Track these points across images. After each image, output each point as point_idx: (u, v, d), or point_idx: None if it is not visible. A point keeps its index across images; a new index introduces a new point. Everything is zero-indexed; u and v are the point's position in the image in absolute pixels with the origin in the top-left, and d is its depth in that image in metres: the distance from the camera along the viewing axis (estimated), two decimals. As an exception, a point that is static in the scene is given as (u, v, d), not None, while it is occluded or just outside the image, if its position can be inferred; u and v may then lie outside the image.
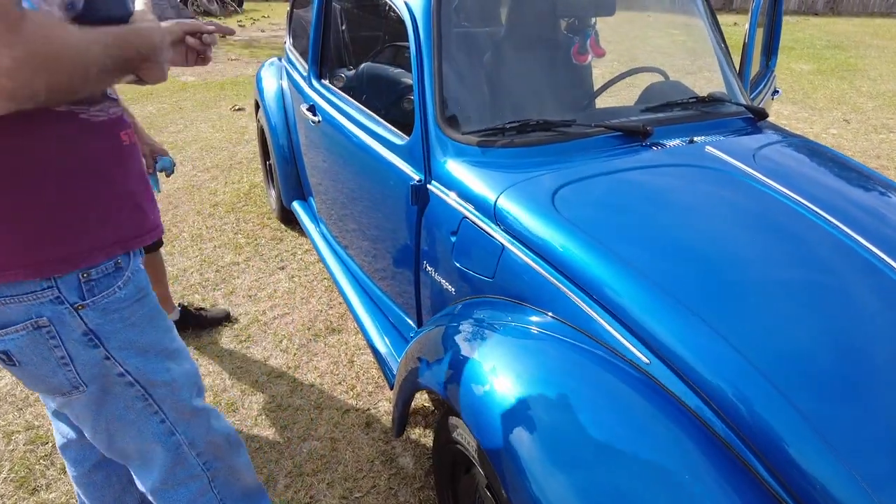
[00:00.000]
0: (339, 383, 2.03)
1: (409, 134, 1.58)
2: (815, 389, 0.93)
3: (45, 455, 1.75)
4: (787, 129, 1.82)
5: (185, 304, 2.29)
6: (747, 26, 2.48)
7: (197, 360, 2.14)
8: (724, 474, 0.88)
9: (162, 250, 2.36)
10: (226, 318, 2.33)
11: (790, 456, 0.86)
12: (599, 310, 1.11)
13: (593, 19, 1.94)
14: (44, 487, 1.64)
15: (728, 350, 0.97)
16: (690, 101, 1.73)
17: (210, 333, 2.28)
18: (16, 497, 1.61)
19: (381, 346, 1.82)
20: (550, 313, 1.18)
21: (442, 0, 1.50)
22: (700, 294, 1.07)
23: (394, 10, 1.65)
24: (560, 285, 1.16)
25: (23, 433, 1.83)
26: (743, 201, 1.34)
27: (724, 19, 11.73)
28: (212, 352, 2.18)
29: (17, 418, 1.89)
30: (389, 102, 1.92)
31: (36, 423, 1.86)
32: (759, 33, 2.74)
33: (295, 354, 2.17)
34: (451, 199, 1.42)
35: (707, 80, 1.95)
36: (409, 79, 1.93)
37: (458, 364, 1.16)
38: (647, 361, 1.03)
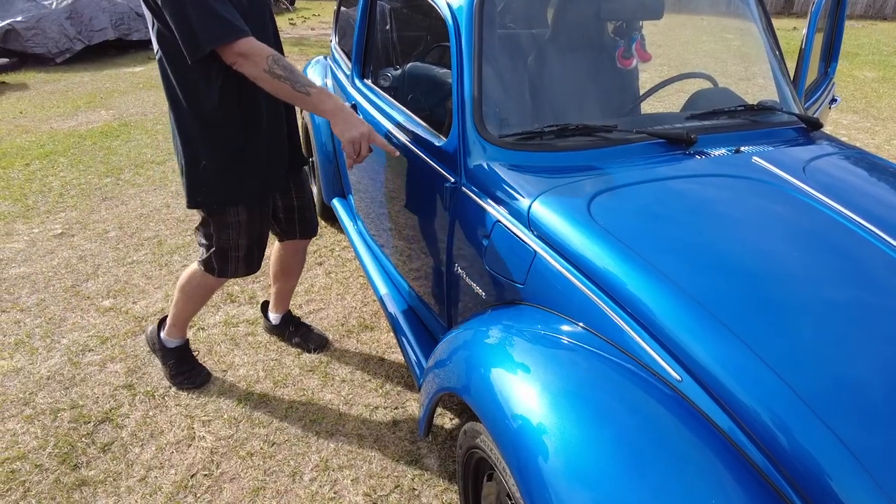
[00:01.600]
0: (369, 380, 2.05)
1: (446, 135, 1.58)
2: (860, 418, 0.88)
3: (87, 434, 1.82)
4: (843, 139, 1.74)
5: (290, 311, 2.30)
6: (805, 31, 2.37)
7: (232, 350, 2.20)
8: (755, 502, 0.84)
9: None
10: (325, 342, 2.23)
11: (829, 488, 0.82)
12: (633, 323, 1.08)
13: (640, 23, 1.89)
14: (84, 464, 1.72)
15: (766, 372, 0.93)
16: (738, 109, 1.67)
17: (250, 327, 2.34)
18: (59, 472, 1.69)
19: (412, 345, 1.83)
20: (581, 324, 1.16)
21: (484, 2, 1.49)
22: (740, 312, 1.03)
23: (437, 12, 1.65)
24: (593, 296, 1.13)
25: (68, 411, 1.92)
26: (790, 215, 1.28)
27: (784, 23, 11.29)
28: (248, 343, 2.24)
29: (63, 396, 1.98)
30: (434, 103, 1.93)
31: (80, 402, 1.95)
32: (819, 38, 2.62)
33: (328, 350, 2.21)
34: (485, 202, 1.41)
35: (759, 86, 1.88)
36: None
37: (484, 370, 1.15)
38: (679, 379, 1.00)
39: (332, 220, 3.15)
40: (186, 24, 1.37)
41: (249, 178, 1.65)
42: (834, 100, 2.85)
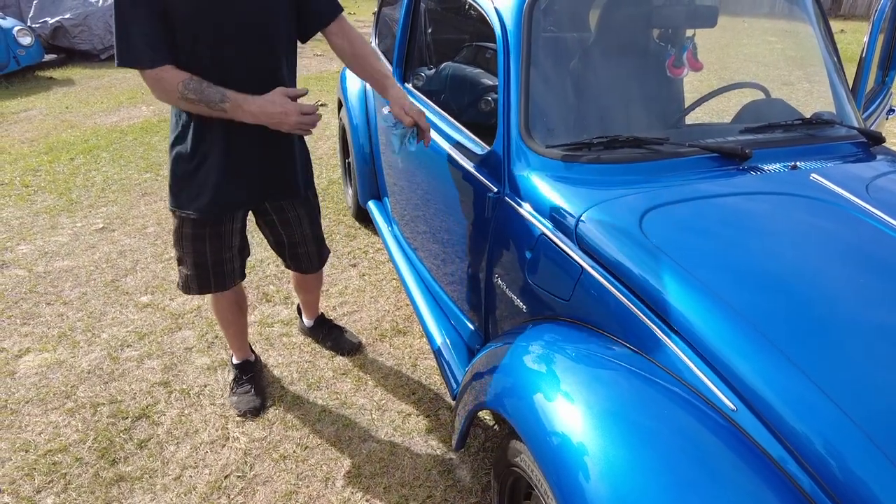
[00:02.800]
0: (402, 386, 2.04)
1: (489, 143, 1.55)
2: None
3: (125, 429, 1.85)
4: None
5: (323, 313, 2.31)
6: (866, 38, 2.27)
7: (267, 351, 2.21)
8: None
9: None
10: (358, 345, 2.22)
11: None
12: (684, 346, 1.04)
13: (692, 31, 1.83)
14: (122, 460, 1.74)
15: (823, 400, 0.88)
16: (795, 123, 1.60)
17: (285, 328, 2.35)
18: (98, 466, 1.72)
19: (445, 353, 1.81)
20: (629, 344, 1.12)
21: (533, 12, 1.46)
22: (797, 337, 0.98)
23: (483, 16, 1.62)
24: (642, 316, 1.09)
25: (107, 406, 1.95)
26: (853, 237, 1.21)
27: (831, 25, 10.91)
28: (282, 345, 2.25)
29: (103, 391, 2.02)
30: (468, 102, 1.90)
31: (119, 397, 1.99)
32: (877, 45, 2.50)
33: (361, 353, 2.20)
34: (530, 213, 1.37)
35: (814, 93, 1.80)
36: (488, 79, 1.91)
37: (527, 388, 1.12)
38: (734, 408, 0.95)
39: (367, 221, 3.15)
40: (114, 37, 1.38)
41: (196, 193, 1.57)
42: (892, 110, 2.73)
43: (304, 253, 1.86)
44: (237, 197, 1.62)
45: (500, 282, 1.52)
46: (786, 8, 1.91)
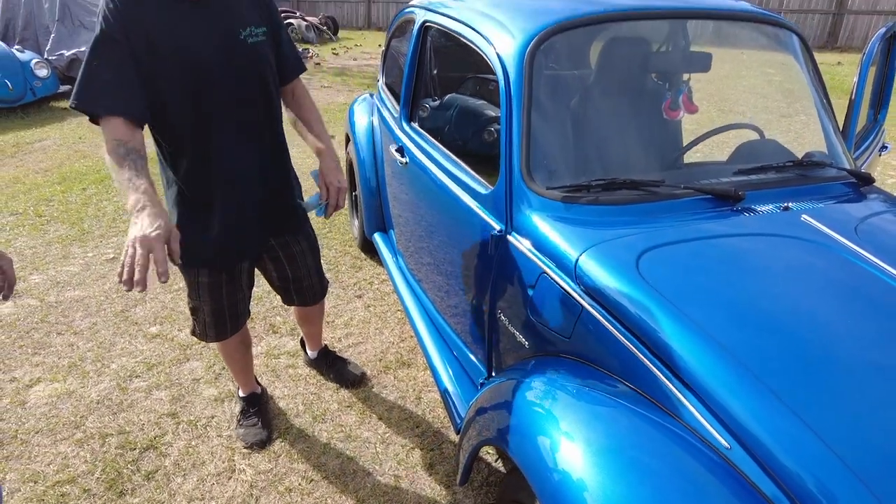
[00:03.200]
0: (406, 419, 2.06)
1: (492, 180, 1.61)
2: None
3: (133, 460, 1.88)
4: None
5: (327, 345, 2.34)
6: (856, 79, 2.35)
7: (273, 383, 2.24)
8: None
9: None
10: (362, 377, 2.23)
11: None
12: (680, 385, 1.08)
13: (687, 75, 1.91)
14: (129, 492, 1.77)
15: (814, 440, 0.92)
16: (786, 164, 1.66)
17: (291, 359, 2.39)
18: (105, 497, 1.74)
19: (449, 387, 1.84)
20: (628, 382, 1.16)
21: (535, 59, 1.53)
22: (790, 377, 1.02)
23: (487, 61, 1.70)
24: (640, 355, 1.13)
25: (115, 436, 1.98)
26: (842, 277, 1.26)
27: (827, 57, 11.11)
28: (288, 377, 2.28)
29: (112, 422, 2.05)
30: (472, 133, 1.97)
31: (127, 428, 2.01)
32: (867, 82, 2.58)
33: (365, 385, 2.23)
34: (532, 252, 1.42)
35: (810, 126, 1.85)
36: (491, 110, 1.98)
37: (529, 425, 1.15)
38: (728, 447, 0.99)
39: (373, 252, 3.21)
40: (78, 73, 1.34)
41: (203, 242, 1.57)
42: (884, 147, 2.80)
43: (309, 286, 1.91)
44: (245, 244, 1.65)
45: (503, 317, 1.57)
46: (775, 45, 1.98)
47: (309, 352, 2.29)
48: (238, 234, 1.61)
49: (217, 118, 1.47)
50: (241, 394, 2.05)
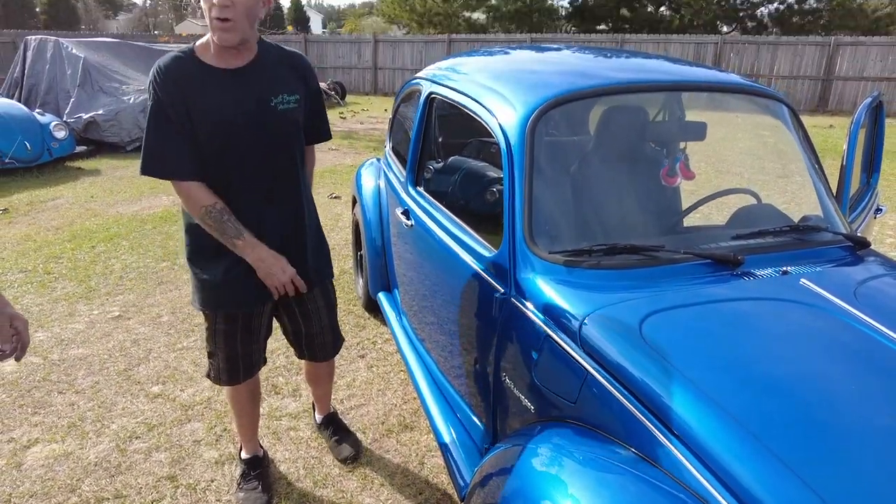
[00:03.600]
0: (409, 485, 2.02)
1: (495, 243, 1.65)
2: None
3: (130, 527, 1.83)
4: (892, 259, 1.73)
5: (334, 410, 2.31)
6: (845, 145, 2.43)
7: (274, 445, 2.21)
8: None
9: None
10: (354, 456, 2.12)
11: None
12: (685, 450, 1.07)
13: (683, 143, 1.99)
14: (124, 561, 1.71)
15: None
16: (783, 229, 1.70)
17: (293, 421, 2.36)
18: (99, 567, 1.69)
19: (453, 451, 1.81)
20: (634, 448, 1.15)
21: (536, 130, 1.61)
22: (794, 441, 1.02)
23: (489, 130, 1.78)
24: (646, 421, 1.13)
25: (112, 500, 1.94)
26: (843, 341, 1.27)
27: (820, 121, 11.44)
28: (290, 439, 2.25)
29: (109, 485, 2.01)
30: (475, 193, 2.03)
31: (124, 492, 1.97)
32: (858, 144, 2.65)
33: (368, 449, 2.20)
34: (536, 315, 1.44)
35: (806, 187, 1.90)
36: (493, 171, 2.04)
37: (535, 493, 1.14)
38: (737, 516, 0.97)
39: (377, 311, 3.22)
40: (143, 146, 1.55)
41: (221, 290, 1.67)
42: (879, 209, 2.85)
43: (321, 343, 1.93)
44: (262, 295, 1.70)
45: (507, 380, 1.57)
46: (766, 112, 2.06)
47: (317, 415, 2.27)
48: (253, 284, 1.67)
49: (241, 176, 1.59)
50: (243, 455, 2.02)
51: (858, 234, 1.76)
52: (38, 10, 36.17)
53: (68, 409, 2.42)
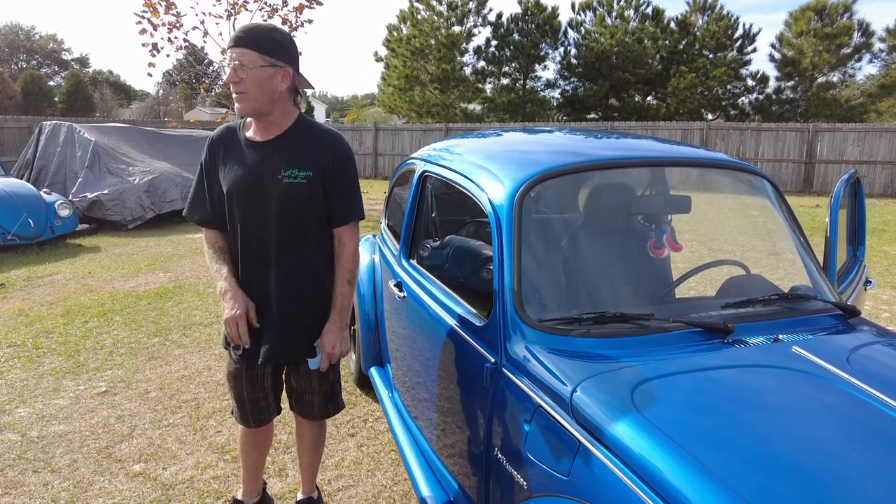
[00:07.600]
0: (397, 573, 1.89)
1: (487, 314, 1.65)
2: None
3: None
4: (883, 326, 1.73)
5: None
6: (828, 219, 2.49)
7: (257, 528, 2.09)
8: None
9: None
10: None
11: None
12: (683, 525, 1.02)
13: (669, 216, 2.04)
14: None
15: None
16: (773, 297, 1.71)
17: (278, 502, 2.25)
18: None
19: (445, 535, 1.72)
20: (630, 524, 1.10)
21: (523, 203, 1.66)
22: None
23: (480, 206, 1.83)
24: (642, 494, 1.09)
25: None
26: (837, 408, 1.25)
27: (806, 201, 11.75)
28: (273, 520, 2.13)
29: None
30: (470, 271, 2.05)
31: (94, 581, 1.84)
32: (842, 221, 2.71)
33: (354, 533, 2.08)
34: (526, 385, 1.42)
35: (797, 263, 1.92)
36: (488, 250, 2.07)
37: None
38: None
39: (368, 388, 3.15)
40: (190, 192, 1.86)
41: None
42: (868, 282, 2.88)
43: (308, 401, 1.95)
44: (262, 354, 1.78)
45: (500, 455, 1.52)
46: (751, 190, 2.13)
47: (300, 494, 2.15)
48: (254, 340, 1.76)
49: (246, 238, 1.76)
50: (238, 495, 2.07)
51: (849, 304, 1.77)
52: (56, 98, 38.00)
53: (41, 490, 2.31)
